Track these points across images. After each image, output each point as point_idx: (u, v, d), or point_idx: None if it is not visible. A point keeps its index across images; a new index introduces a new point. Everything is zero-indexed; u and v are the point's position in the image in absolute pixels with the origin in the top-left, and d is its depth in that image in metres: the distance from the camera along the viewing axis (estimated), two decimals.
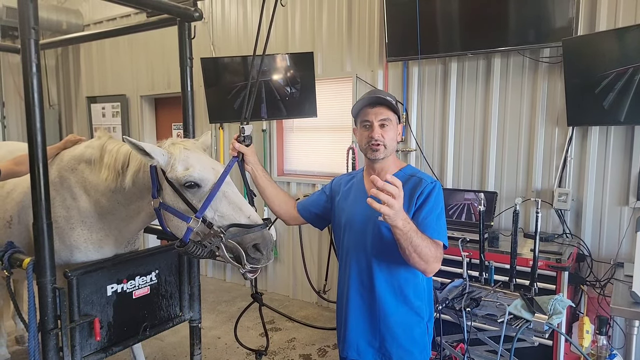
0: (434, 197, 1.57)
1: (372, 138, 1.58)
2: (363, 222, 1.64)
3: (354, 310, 1.66)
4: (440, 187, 1.63)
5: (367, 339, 1.64)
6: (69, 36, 3.34)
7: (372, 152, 1.60)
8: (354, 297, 1.66)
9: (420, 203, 1.56)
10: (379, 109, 1.59)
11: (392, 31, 3.37)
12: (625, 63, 2.51)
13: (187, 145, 1.76)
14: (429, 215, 1.54)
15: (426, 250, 1.43)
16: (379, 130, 1.58)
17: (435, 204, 1.57)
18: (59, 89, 6.17)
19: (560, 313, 1.83)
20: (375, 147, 1.58)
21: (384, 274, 1.59)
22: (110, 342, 1.90)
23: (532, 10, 2.90)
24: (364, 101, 1.62)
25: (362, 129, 1.63)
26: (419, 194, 1.57)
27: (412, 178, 1.62)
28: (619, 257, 2.78)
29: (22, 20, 1.55)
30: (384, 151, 1.59)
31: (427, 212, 1.55)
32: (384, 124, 1.59)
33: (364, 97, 1.64)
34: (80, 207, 1.95)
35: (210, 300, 4.26)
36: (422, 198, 1.56)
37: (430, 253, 1.44)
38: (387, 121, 1.59)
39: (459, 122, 3.38)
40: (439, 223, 1.56)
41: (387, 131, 1.59)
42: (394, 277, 1.59)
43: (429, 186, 1.58)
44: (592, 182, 2.91)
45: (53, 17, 5.22)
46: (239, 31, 4.44)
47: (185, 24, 2.25)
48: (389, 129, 1.59)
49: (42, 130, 1.61)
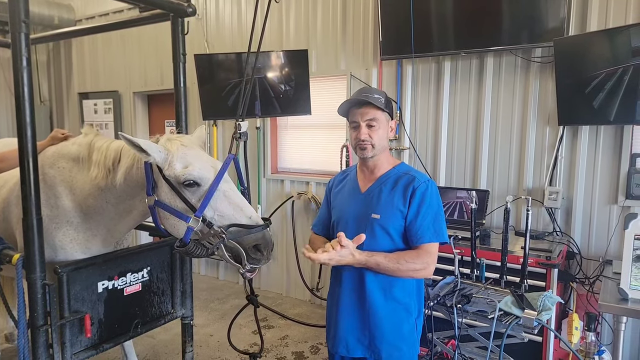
0: (428, 199, 1.59)
1: (358, 139, 1.62)
2: (356, 219, 1.65)
3: (345, 307, 1.67)
4: (435, 185, 1.65)
5: (356, 336, 1.66)
6: (61, 31, 3.31)
7: (361, 150, 1.64)
8: (345, 294, 1.67)
9: (415, 206, 1.58)
10: (365, 109, 1.61)
11: (386, 30, 3.38)
12: (615, 63, 2.54)
13: (184, 141, 1.73)
14: (424, 221, 1.57)
15: (405, 267, 1.52)
16: (365, 130, 1.60)
17: (430, 206, 1.59)
18: (50, 85, 6.10)
19: (549, 309, 1.85)
20: (363, 146, 1.61)
21: (374, 271, 1.59)
22: (101, 339, 1.89)
23: (524, 10, 2.92)
24: (350, 102, 1.65)
25: (351, 129, 1.68)
26: (412, 193, 1.59)
27: (405, 176, 1.64)
28: (607, 254, 2.82)
29: (13, 13, 1.54)
30: (372, 150, 1.62)
31: (422, 217, 1.57)
32: (371, 124, 1.61)
33: (351, 98, 1.66)
34: (64, 206, 1.90)
35: (202, 298, 4.25)
36: (416, 199, 1.58)
37: (411, 267, 1.53)
38: (374, 121, 1.61)
39: (452, 120, 3.40)
40: (435, 225, 1.59)
41: (375, 131, 1.61)
42: (383, 274, 1.59)
43: (422, 186, 1.60)
44: (582, 181, 2.95)
45: (44, 11, 5.16)
46: (233, 28, 4.43)
47: (179, 19, 2.24)
48: (376, 128, 1.61)
49: (32, 125, 1.59)
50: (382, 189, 1.65)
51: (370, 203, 1.64)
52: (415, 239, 1.58)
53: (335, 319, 1.71)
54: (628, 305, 1.98)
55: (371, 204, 1.64)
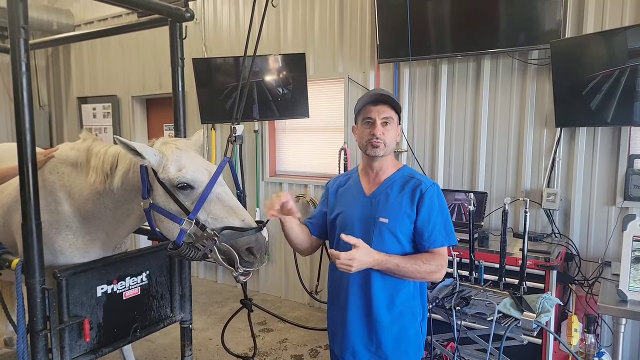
0: (437, 203, 1.59)
1: (373, 135, 1.58)
2: (362, 223, 1.62)
3: (353, 313, 1.63)
4: (439, 188, 1.64)
5: (364, 343, 1.63)
6: (60, 36, 3.31)
7: (373, 148, 1.60)
8: (353, 300, 1.63)
9: (425, 210, 1.57)
10: (382, 107, 1.60)
11: (383, 33, 3.39)
12: (612, 65, 2.55)
13: (180, 144, 1.73)
14: (436, 225, 1.57)
15: (423, 268, 1.50)
16: (381, 128, 1.58)
17: (440, 210, 1.59)
18: (49, 90, 6.11)
19: (548, 311, 1.85)
20: (376, 144, 1.58)
21: (380, 274, 1.57)
22: (100, 344, 1.88)
23: (521, 12, 2.93)
24: (367, 98, 1.62)
25: (363, 126, 1.63)
26: (419, 197, 1.58)
27: (411, 179, 1.63)
28: (606, 256, 2.82)
29: (12, 19, 1.54)
30: (384, 149, 1.60)
31: (434, 221, 1.56)
32: (386, 122, 1.60)
33: (368, 94, 1.64)
34: (64, 211, 1.90)
35: (201, 302, 4.24)
36: (426, 204, 1.57)
37: (428, 268, 1.51)
38: (389, 120, 1.60)
39: (450, 123, 3.41)
40: (447, 228, 1.59)
41: (389, 130, 1.60)
42: (389, 279, 1.58)
43: (429, 190, 1.59)
44: (580, 182, 2.95)
45: (43, 17, 5.17)
46: (231, 32, 4.44)
47: (177, 24, 2.25)
48: (390, 127, 1.60)
49: (31, 130, 1.60)
50: (388, 193, 1.62)
51: (377, 207, 1.62)
52: (427, 243, 1.57)
53: (343, 324, 1.66)
54: (627, 306, 1.99)
55: (378, 207, 1.61)
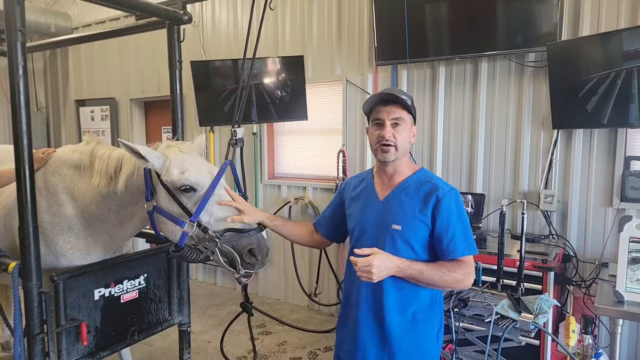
0: (456, 210, 1.48)
1: (382, 137, 1.49)
2: (374, 229, 1.55)
3: (364, 322, 1.56)
4: (459, 194, 1.54)
5: (375, 353, 1.55)
6: (57, 39, 3.32)
7: (382, 153, 1.51)
8: (364, 307, 1.56)
9: (443, 218, 1.46)
10: (392, 107, 1.50)
11: (381, 35, 3.40)
12: (608, 67, 2.57)
13: (183, 148, 1.75)
14: (455, 233, 1.46)
15: (449, 276, 1.41)
16: (390, 129, 1.48)
17: (459, 217, 1.48)
18: (47, 92, 6.10)
19: (546, 312, 1.86)
20: (386, 148, 1.49)
21: (394, 281, 1.47)
22: (98, 347, 1.88)
23: (517, 15, 2.95)
24: (376, 98, 1.52)
25: (373, 127, 1.54)
26: (435, 203, 1.47)
27: (427, 184, 1.52)
28: (603, 257, 2.83)
29: (9, 22, 1.55)
30: (395, 153, 1.50)
31: (453, 229, 1.46)
32: (397, 123, 1.50)
33: (377, 94, 1.54)
34: (67, 213, 1.91)
35: (200, 305, 4.23)
36: (443, 211, 1.46)
37: (454, 277, 1.42)
38: (400, 120, 1.50)
39: (447, 125, 3.42)
40: (467, 237, 1.48)
41: (400, 131, 1.50)
42: (404, 288, 1.50)
43: (447, 196, 1.48)
44: (577, 184, 2.97)
45: (41, 19, 5.17)
46: (230, 34, 4.45)
47: (175, 27, 2.26)
48: (401, 129, 1.50)
49: (28, 133, 1.60)
50: (402, 198, 1.52)
51: (390, 212, 1.52)
52: (447, 252, 1.46)
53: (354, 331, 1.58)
54: (624, 307, 1.99)
55: (391, 213, 1.52)
